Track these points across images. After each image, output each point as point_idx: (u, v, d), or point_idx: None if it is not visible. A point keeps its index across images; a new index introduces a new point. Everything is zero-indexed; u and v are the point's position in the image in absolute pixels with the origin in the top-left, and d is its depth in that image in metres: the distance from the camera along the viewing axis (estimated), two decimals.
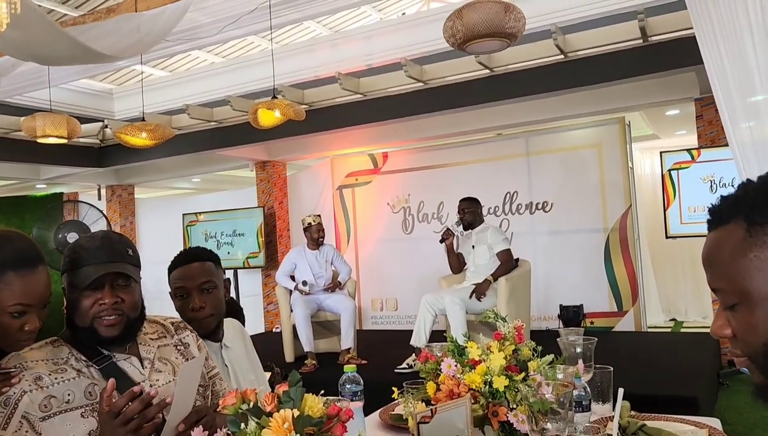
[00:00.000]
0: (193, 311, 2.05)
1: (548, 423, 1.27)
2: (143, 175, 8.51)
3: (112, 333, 1.53)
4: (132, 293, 1.58)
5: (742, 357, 0.90)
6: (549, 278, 6.28)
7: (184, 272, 2.08)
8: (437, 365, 1.43)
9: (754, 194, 0.87)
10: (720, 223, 0.89)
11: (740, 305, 0.86)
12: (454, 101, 5.55)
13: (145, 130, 4.10)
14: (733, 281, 0.86)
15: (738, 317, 0.87)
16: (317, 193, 7.77)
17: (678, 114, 6.55)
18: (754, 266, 0.84)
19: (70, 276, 1.54)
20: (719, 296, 0.90)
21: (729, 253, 0.86)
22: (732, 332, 0.89)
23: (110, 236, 1.64)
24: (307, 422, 0.86)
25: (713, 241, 0.90)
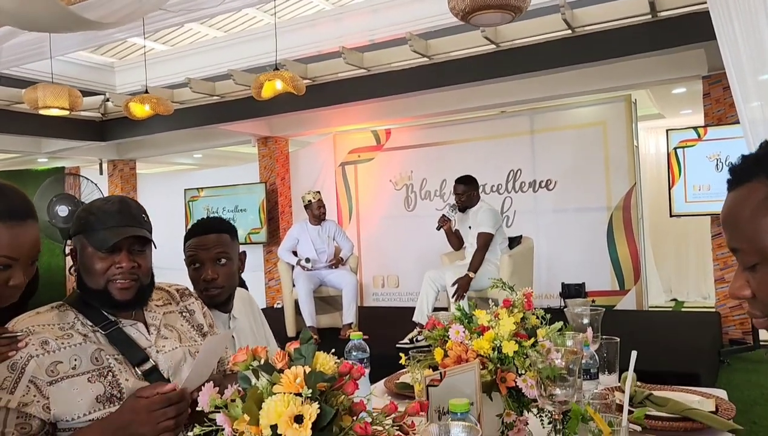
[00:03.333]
0: (205, 281, 2.05)
1: (557, 389, 1.26)
2: (145, 149, 8.47)
3: (126, 297, 1.53)
4: (146, 259, 1.58)
5: (762, 318, 0.89)
6: (552, 256, 6.27)
7: (199, 241, 2.07)
8: (445, 331, 1.42)
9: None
10: (741, 182, 0.88)
11: (761, 264, 0.86)
12: (458, 77, 5.50)
13: (149, 102, 4.06)
14: (753, 241, 0.85)
15: (758, 277, 0.86)
16: (319, 170, 7.74)
17: (684, 92, 6.50)
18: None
19: (86, 237, 1.53)
20: (739, 257, 0.89)
21: (750, 212, 0.85)
22: (751, 293, 0.88)
23: (127, 200, 1.64)
24: (320, 378, 0.85)
25: (734, 200, 0.89)
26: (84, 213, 1.58)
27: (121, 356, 1.52)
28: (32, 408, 1.38)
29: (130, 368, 1.51)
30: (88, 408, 1.42)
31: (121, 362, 1.50)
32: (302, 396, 0.84)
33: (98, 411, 1.42)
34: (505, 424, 1.30)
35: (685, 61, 5.35)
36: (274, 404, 0.83)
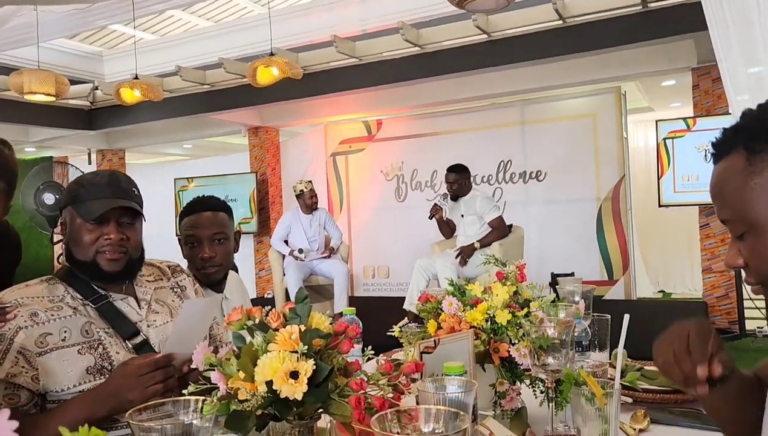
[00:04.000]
0: (202, 260, 2.05)
1: (549, 358, 1.27)
2: (134, 139, 8.41)
3: (114, 268, 1.52)
4: (136, 232, 1.58)
5: (756, 285, 0.92)
6: (541, 246, 6.29)
7: (196, 220, 2.07)
8: (438, 304, 1.43)
9: (752, 123, 0.88)
10: (722, 154, 0.91)
11: (748, 233, 0.88)
12: (450, 66, 5.50)
13: (140, 88, 4.03)
14: (738, 211, 0.88)
15: (748, 245, 0.89)
16: (310, 160, 7.72)
17: (674, 84, 6.54)
18: (755, 194, 0.86)
19: (75, 208, 1.52)
20: (728, 227, 0.92)
21: (732, 183, 0.88)
22: (744, 262, 0.91)
23: (117, 173, 1.64)
24: (315, 334, 0.85)
25: (718, 173, 0.92)
26: (74, 185, 1.57)
27: (112, 329, 1.52)
28: (21, 379, 1.38)
29: (121, 342, 1.51)
30: (77, 379, 1.41)
31: (112, 335, 1.50)
32: (298, 353, 0.84)
33: (88, 383, 1.42)
34: (498, 393, 1.31)
35: (675, 53, 5.38)
36: (270, 360, 0.83)
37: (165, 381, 1.31)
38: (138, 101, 4.29)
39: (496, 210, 4.99)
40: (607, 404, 1.05)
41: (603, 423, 1.06)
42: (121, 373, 1.34)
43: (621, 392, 1.21)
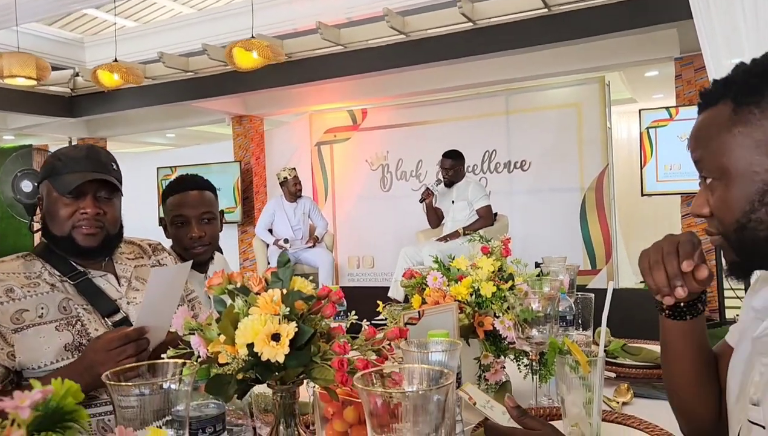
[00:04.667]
0: (191, 239, 2.03)
1: (534, 331, 1.27)
2: (116, 127, 8.30)
3: (90, 243, 1.50)
4: (113, 208, 1.55)
5: (717, 235, 0.93)
6: (525, 235, 6.30)
7: (183, 199, 2.04)
8: (423, 279, 1.42)
9: (744, 75, 0.90)
10: (710, 104, 0.93)
11: (719, 180, 0.90)
12: (435, 54, 5.48)
13: (118, 71, 3.96)
14: (714, 154, 0.90)
15: (716, 194, 0.91)
16: (295, 149, 7.67)
17: (656, 75, 6.58)
18: (736, 142, 0.87)
19: (51, 182, 1.49)
20: (700, 169, 0.94)
21: (715, 128, 0.90)
22: (709, 211, 0.92)
23: (95, 147, 1.61)
24: (297, 296, 0.84)
25: (702, 119, 0.94)
26: (51, 158, 1.54)
27: (90, 306, 1.49)
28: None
29: (100, 319, 1.49)
30: (55, 356, 1.39)
31: (91, 312, 1.48)
32: (280, 315, 0.82)
33: (66, 360, 1.40)
34: (483, 366, 1.31)
35: (658, 42, 5.41)
36: (251, 322, 0.81)
37: (137, 355, 1.29)
38: (118, 85, 4.22)
39: (485, 199, 5.02)
40: (591, 372, 1.05)
41: (587, 392, 1.06)
42: (92, 348, 1.32)
43: (605, 366, 1.21)
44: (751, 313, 0.97)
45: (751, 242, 0.88)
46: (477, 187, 5.08)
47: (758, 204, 0.86)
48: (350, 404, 0.99)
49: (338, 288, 1.16)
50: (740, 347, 0.98)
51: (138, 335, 1.31)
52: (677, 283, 0.96)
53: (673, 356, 1.08)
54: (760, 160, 0.85)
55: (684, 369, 1.07)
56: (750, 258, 0.90)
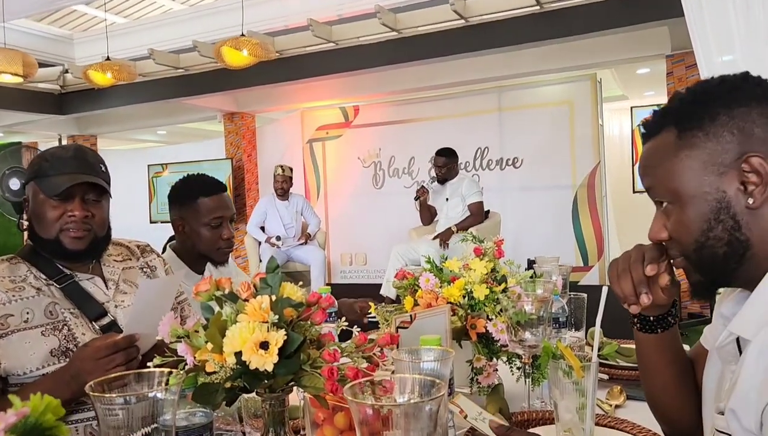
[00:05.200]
0: (225, 240, 2.06)
1: (527, 333, 1.26)
2: (106, 125, 8.24)
3: (78, 247, 1.47)
4: (102, 210, 1.53)
5: (679, 257, 0.95)
6: (518, 233, 6.31)
7: (220, 200, 2.05)
8: (415, 280, 1.40)
9: (679, 104, 0.94)
10: (654, 133, 0.96)
11: (672, 204, 0.92)
12: (427, 51, 5.46)
13: (111, 70, 3.92)
14: (664, 180, 0.92)
15: (672, 217, 0.93)
16: (287, 147, 7.64)
17: (648, 72, 6.58)
18: (684, 165, 0.90)
19: (38, 183, 1.46)
20: (653, 195, 0.97)
21: (661, 155, 0.93)
22: (668, 235, 0.95)
23: (83, 148, 1.58)
24: (286, 304, 0.82)
25: (648, 149, 0.97)
26: (37, 159, 1.51)
27: (77, 310, 1.46)
28: None
29: (87, 323, 1.46)
30: (41, 362, 1.36)
31: (78, 317, 1.45)
32: (268, 323, 0.81)
33: (53, 365, 1.37)
34: (475, 369, 1.29)
35: (650, 40, 5.41)
36: (239, 330, 0.79)
37: (126, 364, 1.26)
38: (110, 84, 4.17)
39: (478, 195, 5.02)
40: (585, 377, 1.04)
41: (580, 397, 1.05)
42: (80, 356, 1.28)
43: (598, 367, 1.20)
44: (720, 320, 0.99)
45: (710, 259, 0.90)
46: (471, 182, 5.09)
47: (714, 222, 0.88)
48: (341, 410, 0.98)
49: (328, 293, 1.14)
50: (712, 354, 1.00)
51: (127, 344, 1.28)
52: (642, 289, 0.98)
53: (648, 367, 1.10)
54: (709, 180, 0.88)
55: (660, 380, 1.09)
56: (712, 276, 0.93)
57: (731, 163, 0.86)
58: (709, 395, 0.98)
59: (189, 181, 2.10)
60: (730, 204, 0.87)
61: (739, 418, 0.81)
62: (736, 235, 0.87)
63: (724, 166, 0.87)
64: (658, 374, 1.09)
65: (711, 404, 0.95)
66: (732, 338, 0.89)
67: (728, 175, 0.87)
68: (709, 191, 0.88)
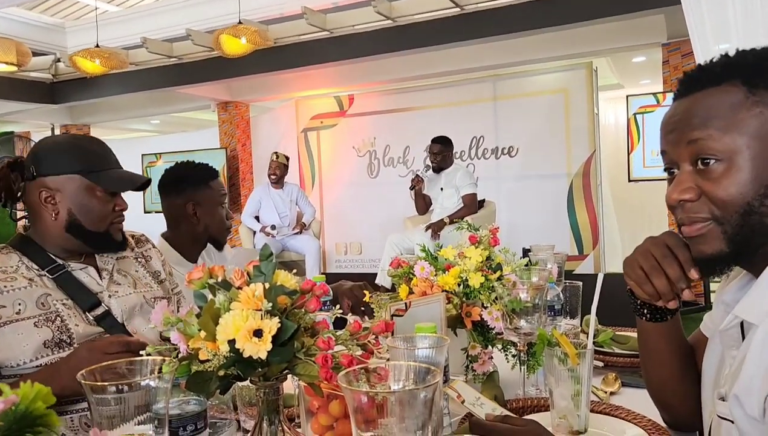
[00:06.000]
0: (229, 220, 2.16)
1: (522, 321, 1.25)
2: (100, 114, 8.18)
3: (120, 238, 1.57)
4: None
5: (704, 222, 0.87)
6: (513, 222, 6.32)
7: (221, 183, 2.16)
8: (410, 269, 1.40)
9: (753, 59, 0.87)
10: (707, 84, 0.87)
11: (724, 162, 0.83)
12: (422, 40, 5.44)
13: (99, 57, 3.88)
14: (728, 131, 0.83)
15: (718, 177, 0.84)
16: (281, 136, 7.60)
17: (644, 61, 6.57)
18: (758, 121, 0.82)
19: (89, 177, 1.48)
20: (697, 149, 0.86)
21: (728, 106, 0.84)
22: (697, 195, 0.86)
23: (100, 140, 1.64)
24: (280, 291, 0.81)
25: (698, 98, 0.87)
26: (79, 150, 1.51)
27: (71, 300, 1.45)
28: None
29: (81, 313, 1.45)
30: (34, 354, 1.35)
31: (71, 307, 1.44)
32: (262, 311, 0.80)
33: (46, 357, 1.36)
34: (470, 357, 1.29)
35: (646, 28, 5.40)
36: (232, 318, 0.79)
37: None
38: (100, 72, 4.13)
39: (472, 186, 5.02)
40: (580, 365, 1.04)
41: (575, 384, 1.05)
42: (88, 347, 1.28)
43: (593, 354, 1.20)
44: (721, 306, 0.96)
45: (753, 227, 0.83)
46: (465, 173, 5.09)
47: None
48: (335, 398, 0.98)
49: (323, 281, 1.14)
50: (713, 340, 0.98)
51: (138, 348, 1.27)
52: (682, 286, 0.94)
53: (653, 356, 1.09)
54: None
55: (664, 368, 1.08)
56: (740, 248, 0.85)
57: None
58: (708, 380, 0.97)
59: (191, 167, 2.14)
60: None
61: (743, 404, 0.80)
62: None
63: None
64: (663, 362, 1.07)
65: (710, 390, 0.95)
66: (736, 322, 0.87)
67: None
68: None
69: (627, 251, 5.97)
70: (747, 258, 0.87)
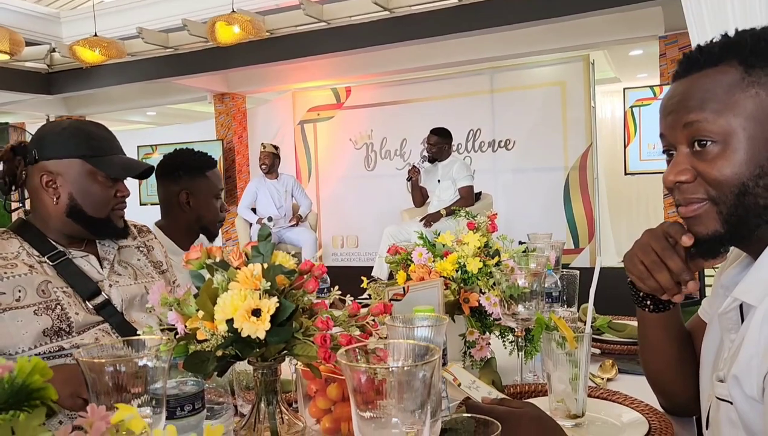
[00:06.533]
0: (223, 212, 2.14)
1: (520, 307, 1.25)
2: (95, 105, 8.14)
3: (121, 225, 1.56)
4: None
5: (699, 203, 0.87)
6: (509, 214, 6.32)
7: (218, 174, 2.14)
8: (408, 255, 1.40)
9: (751, 39, 0.86)
10: (706, 65, 0.87)
11: (719, 144, 0.84)
12: (420, 31, 5.42)
13: (99, 46, 3.86)
14: (722, 113, 0.83)
15: (714, 158, 0.84)
16: (278, 128, 7.58)
17: (641, 54, 6.57)
18: (754, 103, 0.82)
19: (92, 162, 1.47)
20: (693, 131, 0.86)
21: (724, 88, 0.84)
22: (693, 176, 0.87)
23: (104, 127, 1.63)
24: (279, 271, 0.81)
25: (695, 79, 0.87)
26: (82, 134, 1.50)
27: (71, 288, 1.44)
28: None
29: (81, 302, 1.44)
30: (33, 341, 1.35)
31: (71, 296, 1.43)
32: (260, 290, 0.79)
33: (45, 345, 1.36)
34: (468, 343, 1.29)
35: (643, 21, 5.39)
36: (231, 297, 0.78)
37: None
38: (98, 61, 4.11)
39: (469, 179, 5.02)
40: (578, 348, 1.04)
41: (573, 368, 1.05)
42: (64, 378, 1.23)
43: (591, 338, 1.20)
44: (719, 290, 0.96)
45: (747, 208, 0.84)
46: (462, 166, 5.09)
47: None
48: (333, 382, 0.97)
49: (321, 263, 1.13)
50: (712, 326, 0.98)
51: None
52: (686, 277, 0.93)
53: (654, 346, 1.09)
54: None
55: (664, 356, 1.08)
56: (735, 229, 0.85)
57: None
58: (707, 364, 0.97)
59: (188, 155, 2.12)
60: None
61: (742, 384, 0.81)
62: None
63: None
64: (663, 351, 1.07)
65: (708, 373, 0.95)
66: (735, 305, 0.87)
67: None
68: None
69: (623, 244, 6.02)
70: (743, 239, 0.88)
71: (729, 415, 0.84)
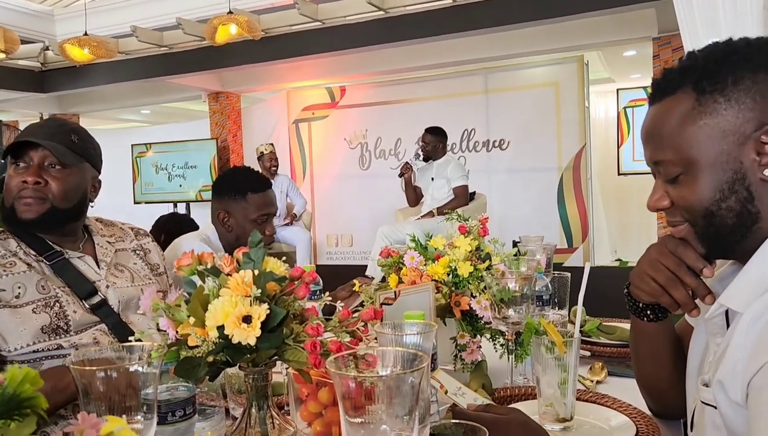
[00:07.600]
0: (268, 236, 2.08)
1: (510, 311, 1.26)
2: (89, 103, 8.11)
3: (28, 216, 1.42)
4: (64, 181, 1.46)
5: (682, 224, 0.92)
6: (503, 215, 6.34)
7: (267, 198, 2.07)
8: (400, 258, 1.40)
9: (703, 62, 0.88)
10: (666, 94, 0.90)
11: (684, 174, 0.88)
12: (414, 31, 5.43)
13: (89, 45, 3.85)
14: (679, 150, 0.87)
15: (680, 187, 0.89)
16: (273, 127, 7.57)
17: (635, 55, 6.58)
18: (703, 134, 0.85)
19: (6, 153, 1.45)
20: (661, 169, 0.92)
21: (677, 122, 0.87)
22: (670, 203, 0.91)
23: (61, 119, 1.57)
24: (269, 278, 0.82)
25: (658, 111, 0.91)
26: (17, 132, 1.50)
27: (68, 287, 1.45)
28: None
29: (78, 300, 1.45)
30: (32, 338, 1.35)
31: (69, 294, 1.43)
32: (251, 297, 0.80)
33: (43, 342, 1.36)
34: (459, 346, 1.30)
35: (637, 22, 5.40)
36: (222, 304, 0.79)
37: None
38: (88, 60, 4.09)
39: (463, 179, 5.04)
40: (567, 353, 1.05)
41: (562, 372, 1.06)
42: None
43: (580, 345, 1.21)
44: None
45: (718, 229, 0.87)
46: (456, 165, 5.11)
47: (728, 192, 0.85)
48: (324, 386, 0.98)
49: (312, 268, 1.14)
50: (698, 330, 1.00)
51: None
52: (704, 292, 0.94)
53: (650, 354, 1.10)
54: (728, 149, 0.84)
55: (659, 363, 1.09)
56: (715, 247, 0.90)
57: (750, 133, 0.83)
58: (692, 367, 0.99)
59: (238, 175, 2.10)
60: (746, 175, 0.84)
61: (726, 390, 0.82)
62: (748, 207, 0.84)
63: (744, 136, 0.83)
64: (659, 357, 1.09)
65: (694, 377, 0.96)
66: (721, 311, 0.89)
67: (746, 146, 0.83)
68: (726, 161, 0.84)
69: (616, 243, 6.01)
70: (727, 255, 0.92)
71: (713, 419, 0.85)
